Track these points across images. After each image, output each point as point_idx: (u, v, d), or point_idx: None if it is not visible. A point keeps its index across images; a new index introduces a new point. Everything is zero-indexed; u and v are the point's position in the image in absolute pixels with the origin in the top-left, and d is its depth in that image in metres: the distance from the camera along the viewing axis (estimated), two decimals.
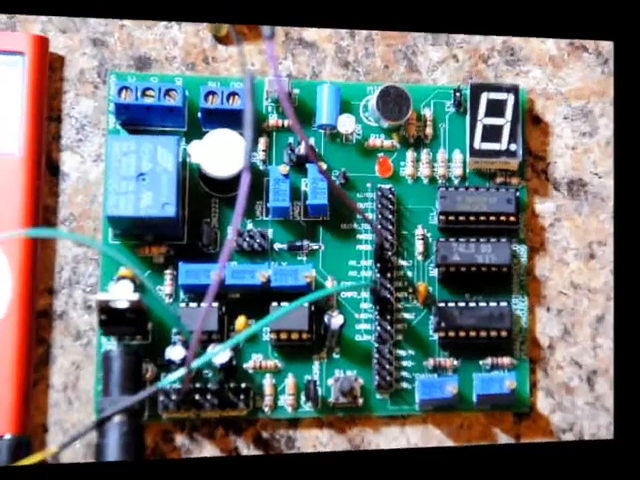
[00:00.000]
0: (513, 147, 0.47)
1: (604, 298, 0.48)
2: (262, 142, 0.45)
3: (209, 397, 0.43)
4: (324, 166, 0.46)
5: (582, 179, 0.48)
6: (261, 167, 0.46)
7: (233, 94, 0.44)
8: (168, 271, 0.44)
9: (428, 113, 0.47)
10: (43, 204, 0.43)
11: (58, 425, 0.43)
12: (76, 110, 0.44)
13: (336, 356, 0.45)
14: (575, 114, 0.48)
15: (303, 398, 0.44)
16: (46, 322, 0.43)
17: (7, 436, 0.41)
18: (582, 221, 0.48)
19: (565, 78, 0.48)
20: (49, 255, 0.43)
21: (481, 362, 0.46)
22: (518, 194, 0.47)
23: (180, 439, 0.44)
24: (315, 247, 0.46)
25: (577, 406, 0.47)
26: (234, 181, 0.44)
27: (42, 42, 0.43)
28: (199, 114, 0.44)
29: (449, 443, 0.46)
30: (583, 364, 0.47)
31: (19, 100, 0.43)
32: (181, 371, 0.41)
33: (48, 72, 0.44)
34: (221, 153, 0.44)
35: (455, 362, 0.46)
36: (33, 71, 0.43)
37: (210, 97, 0.44)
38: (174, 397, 0.43)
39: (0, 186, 0.42)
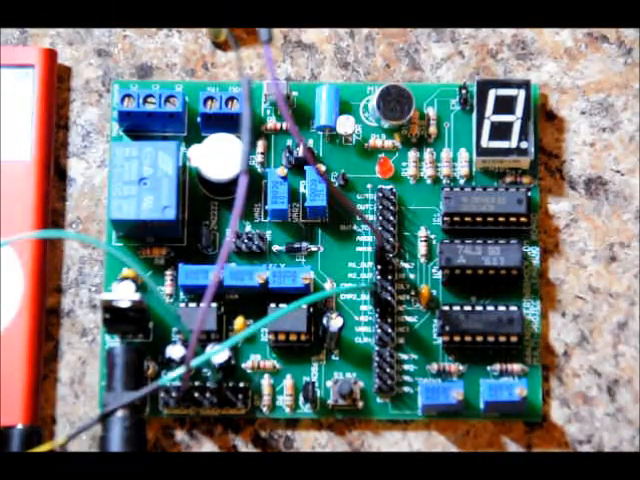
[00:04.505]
0: (524, 145, 0.45)
1: (627, 303, 0.45)
2: (260, 145, 0.46)
3: (208, 395, 0.44)
4: (322, 168, 0.46)
5: (602, 177, 0.46)
6: (259, 170, 0.46)
7: (231, 99, 0.45)
8: (168, 272, 0.45)
9: (431, 112, 0.46)
10: (52, 207, 0.46)
11: (65, 417, 0.45)
12: (82, 118, 0.46)
13: (335, 358, 0.45)
14: (594, 108, 0.46)
15: (301, 399, 0.45)
16: (55, 319, 0.45)
17: (19, 426, 0.44)
18: (602, 222, 0.45)
19: (582, 71, 0.46)
20: (57, 256, 0.45)
21: (489, 368, 0.45)
22: (530, 193, 0.45)
23: (180, 435, 0.45)
24: (314, 249, 0.46)
25: (596, 417, 0.45)
26: (232, 184, 0.45)
27: (51, 55, 0.46)
28: (198, 119, 0.45)
29: (454, 450, 0.44)
30: (603, 373, 0.45)
31: (30, 109, 0.45)
32: (180, 369, 0.43)
33: (56, 82, 0.46)
34: (220, 157, 0.45)
35: (461, 367, 0.45)
36: (42, 82, 0.45)
37: (209, 102, 0.45)
38: (174, 394, 0.44)
39: (13, 190, 0.45)
